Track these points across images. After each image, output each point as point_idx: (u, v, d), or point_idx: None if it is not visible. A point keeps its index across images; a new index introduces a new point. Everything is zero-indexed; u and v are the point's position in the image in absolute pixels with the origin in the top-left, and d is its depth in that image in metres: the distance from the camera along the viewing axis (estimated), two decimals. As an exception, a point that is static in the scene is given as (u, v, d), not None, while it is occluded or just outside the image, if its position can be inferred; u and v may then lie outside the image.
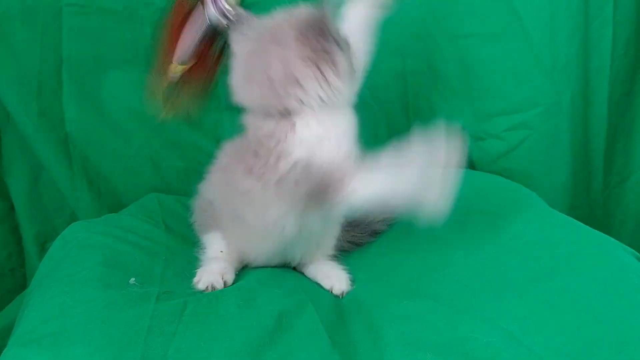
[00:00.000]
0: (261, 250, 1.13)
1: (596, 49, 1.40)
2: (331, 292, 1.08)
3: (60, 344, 0.83)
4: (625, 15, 1.38)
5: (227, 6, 1.15)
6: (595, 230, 1.04)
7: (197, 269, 1.10)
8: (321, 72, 0.99)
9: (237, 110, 1.45)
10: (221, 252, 1.13)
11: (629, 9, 1.38)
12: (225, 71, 1.10)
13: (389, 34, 1.39)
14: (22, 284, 1.51)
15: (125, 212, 1.32)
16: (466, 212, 1.16)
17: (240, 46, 1.06)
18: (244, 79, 1.06)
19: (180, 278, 1.09)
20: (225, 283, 1.05)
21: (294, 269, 1.18)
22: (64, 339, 0.85)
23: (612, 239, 0.99)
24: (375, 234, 1.24)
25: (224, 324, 0.93)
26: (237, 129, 1.44)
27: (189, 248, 1.21)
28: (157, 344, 0.85)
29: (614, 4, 1.36)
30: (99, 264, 1.05)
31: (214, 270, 1.07)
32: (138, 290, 1.00)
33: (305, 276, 1.16)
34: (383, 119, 1.48)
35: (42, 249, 1.48)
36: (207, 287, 1.03)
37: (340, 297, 1.07)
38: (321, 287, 1.11)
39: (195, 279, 1.06)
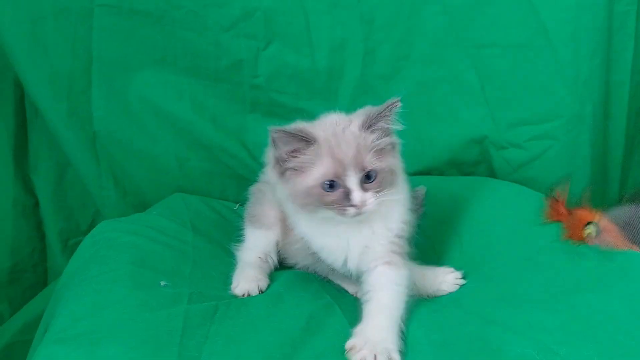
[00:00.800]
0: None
1: (617, 62, 1.41)
2: (356, 295, 1.09)
3: (94, 342, 0.85)
4: (648, 29, 1.39)
5: None
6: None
7: (232, 270, 1.12)
8: None
9: (261, 114, 1.48)
10: (259, 258, 1.15)
11: (651, 24, 1.39)
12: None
13: (412, 42, 1.43)
14: (43, 280, 1.53)
15: (153, 211, 1.33)
16: (488, 222, 1.19)
17: None
18: None
19: (208, 279, 1.11)
20: (260, 290, 1.08)
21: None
22: (98, 337, 0.86)
23: (638, 253, 1.00)
24: None
25: (254, 326, 0.95)
26: (260, 132, 1.47)
27: (215, 249, 1.23)
28: (191, 346, 0.87)
29: (636, 18, 1.37)
30: (129, 263, 1.07)
31: (250, 277, 1.09)
32: (169, 291, 1.01)
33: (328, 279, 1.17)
34: (405, 126, 1.48)
35: (65, 245, 1.50)
36: (244, 293, 1.06)
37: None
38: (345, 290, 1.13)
39: (233, 285, 1.08)
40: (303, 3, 1.38)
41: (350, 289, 1.12)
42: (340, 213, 0.96)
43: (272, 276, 1.14)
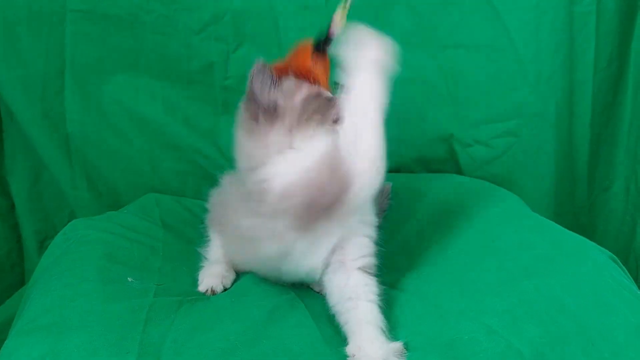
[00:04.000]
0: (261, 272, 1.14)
1: (580, 61, 1.45)
2: (320, 293, 1.11)
3: (60, 332, 0.87)
4: (608, 29, 1.44)
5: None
6: (572, 233, 1.09)
7: (199, 269, 1.14)
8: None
9: (233, 115, 1.50)
10: (225, 254, 1.16)
11: (612, 23, 1.43)
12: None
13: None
14: (21, 280, 1.54)
15: (124, 210, 1.35)
16: (450, 214, 1.22)
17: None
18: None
19: (177, 273, 1.13)
20: (224, 287, 1.10)
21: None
22: (64, 328, 0.88)
23: (588, 241, 1.04)
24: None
25: (218, 317, 0.97)
26: (233, 133, 1.50)
27: (185, 245, 1.25)
28: (154, 334, 0.89)
29: (596, 18, 1.42)
30: (99, 259, 1.09)
31: (215, 273, 1.11)
32: (137, 285, 1.04)
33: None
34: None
35: (41, 246, 1.52)
36: (207, 290, 1.08)
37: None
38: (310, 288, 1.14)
39: (199, 282, 1.10)
40: (272, 5, 1.41)
41: (315, 287, 1.13)
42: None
43: (239, 274, 1.16)
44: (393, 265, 1.09)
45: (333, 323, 1.01)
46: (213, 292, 1.08)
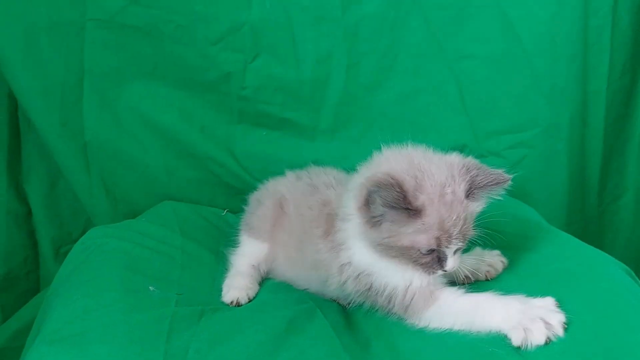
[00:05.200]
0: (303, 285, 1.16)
1: (594, 73, 1.46)
2: (338, 302, 1.13)
3: (84, 343, 0.88)
4: (622, 41, 1.45)
5: None
6: (590, 246, 1.09)
7: (222, 277, 1.15)
8: None
9: (249, 124, 1.52)
10: (253, 266, 1.17)
11: (625, 36, 1.45)
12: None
13: (395, 55, 1.48)
14: (35, 288, 1.55)
15: (142, 218, 1.36)
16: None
17: None
18: None
19: (197, 282, 1.14)
20: (249, 299, 1.11)
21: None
22: (88, 339, 0.89)
23: (606, 255, 1.04)
24: None
25: (239, 326, 0.98)
26: (248, 141, 1.51)
27: (203, 254, 1.26)
28: (178, 345, 0.91)
29: (611, 31, 1.43)
30: (119, 268, 1.10)
31: (241, 285, 1.12)
32: (158, 295, 1.05)
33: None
34: (389, 135, 1.52)
35: (57, 253, 1.53)
36: (232, 301, 1.09)
37: (346, 307, 1.11)
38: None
39: (223, 291, 1.11)
40: (289, 17, 1.42)
41: (342, 301, 1.14)
42: (428, 272, 0.93)
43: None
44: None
45: (352, 332, 1.03)
46: (238, 304, 1.09)
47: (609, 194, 1.61)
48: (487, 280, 1.04)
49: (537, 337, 0.83)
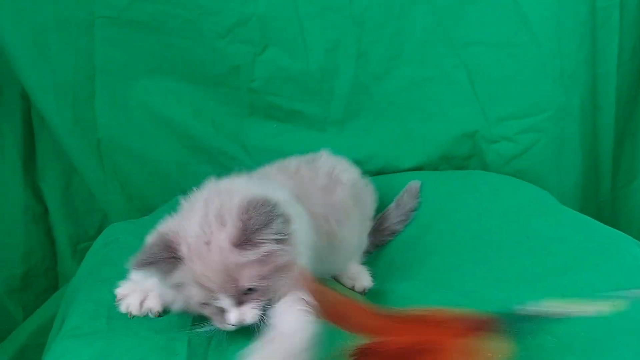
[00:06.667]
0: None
1: (603, 55, 1.45)
2: (353, 289, 1.13)
3: (108, 337, 0.89)
4: (631, 22, 1.44)
5: None
6: (607, 226, 1.09)
7: None
8: None
9: (259, 116, 1.52)
10: None
11: (634, 17, 1.44)
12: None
13: (403, 42, 1.48)
14: (54, 285, 1.57)
15: (158, 214, 1.36)
16: (482, 211, 1.23)
17: None
18: None
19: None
20: None
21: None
22: (112, 333, 0.91)
23: (623, 234, 1.05)
24: (393, 234, 1.30)
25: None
26: (260, 134, 1.52)
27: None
28: (200, 335, 0.90)
29: (620, 12, 1.42)
30: (139, 264, 1.10)
31: None
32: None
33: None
34: (398, 124, 1.53)
35: (75, 250, 1.55)
36: None
37: (362, 293, 1.12)
38: (343, 285, 1.16)
39: None
40: (296, 8, 1.42)
41: (347, 282, 1.16)
42: (222, 327, 0.85)
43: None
44: (426, 264, 1.11)
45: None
46: None
47: (622, 178, 1.60)
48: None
49: None
